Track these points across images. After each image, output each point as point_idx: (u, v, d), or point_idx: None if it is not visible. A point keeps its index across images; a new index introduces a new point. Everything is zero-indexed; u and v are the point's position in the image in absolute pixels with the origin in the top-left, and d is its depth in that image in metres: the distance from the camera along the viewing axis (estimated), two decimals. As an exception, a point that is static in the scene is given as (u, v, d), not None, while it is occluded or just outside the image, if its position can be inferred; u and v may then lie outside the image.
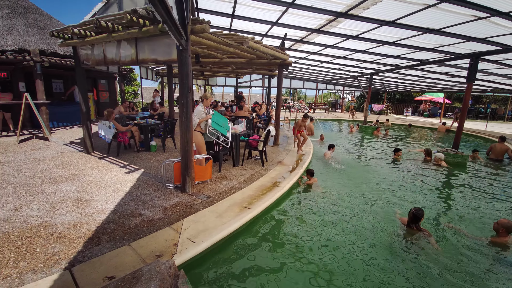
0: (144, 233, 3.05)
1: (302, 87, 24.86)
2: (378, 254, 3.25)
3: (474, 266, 3.11)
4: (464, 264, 3.14)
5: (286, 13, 6.18)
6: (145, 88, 25.56)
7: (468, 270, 3.03)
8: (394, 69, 11.84)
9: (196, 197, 4.10)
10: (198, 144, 4.90)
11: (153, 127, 7.18)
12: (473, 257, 3.27)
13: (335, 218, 4.10)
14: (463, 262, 3.17)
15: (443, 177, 6.62)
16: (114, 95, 14.25)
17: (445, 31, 6.08)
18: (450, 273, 2.95)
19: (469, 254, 3.34)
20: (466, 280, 2.85)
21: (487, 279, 2.90)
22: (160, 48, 4.52)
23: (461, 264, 3.13)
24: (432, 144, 11.73)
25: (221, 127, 5.33)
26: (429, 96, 25.34)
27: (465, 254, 3.33)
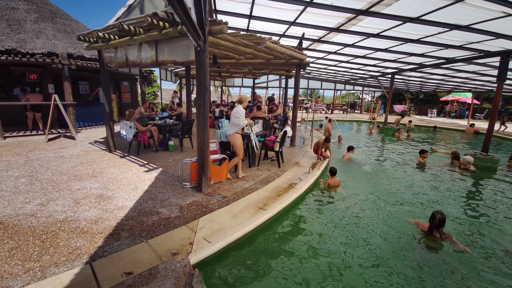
0: (161, 231, 3.10)
1: (320, 87, 24.44)
2: (399, 263, 3.10)
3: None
4: (494, 268, 2.92)
5: (304, 12, 6.10)
6: (164, 89, 26.31)
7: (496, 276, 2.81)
8: (418, 68, 11.33)
9: (212, 197, 4.12)
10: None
11: (171, 127, 7.35)
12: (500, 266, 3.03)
13: (352, 223, 3.97)
14: (492, 267, 2.95)
15: (472, 182, 6.22)
16: (135, 96, 14.77)
17: (473, 28, 5.71)
18: (480, 276, 2.75)
19: (496, 260, 3.11)
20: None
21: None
22: (178, 49, 4.61)
23: (491, 267, 2.91)
24: (458, 147, 11.10)
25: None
26: (456, 96, 24.00)
27: (494, 260, 3.10)
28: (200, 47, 3.65)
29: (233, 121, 4.73)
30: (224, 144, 5.55)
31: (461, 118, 23.38)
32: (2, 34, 8.84)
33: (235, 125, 4.76)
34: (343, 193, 5.09)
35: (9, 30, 9.10)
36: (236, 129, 4.77)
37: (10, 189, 4.11)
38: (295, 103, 8.39)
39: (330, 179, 5.38)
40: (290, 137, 8.36)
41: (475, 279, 2.84)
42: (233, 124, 4.77)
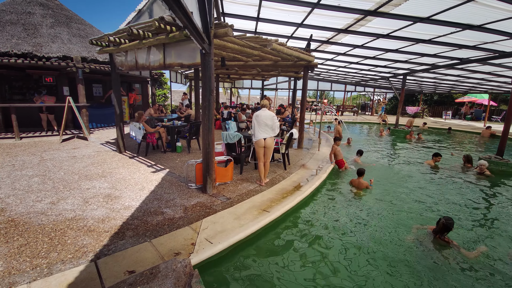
0: (165, 231, 3.15)
1: (330, 88, 24.21)
2: (403, 267, 3.02)
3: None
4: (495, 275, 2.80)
5: (312, 14, 6.08)
6: (174, 91, 26.71)
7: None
8: (430, 69, 11.04)
9: (216, 198, 4.15)
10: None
11: (179, 129, 7.46)
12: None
13: (359, 227, 3.90)
14: (493, 275, 2.82)
15: (486, 186, 5.99)
16: (146, 98, 15.09)
17: (486, 27, 5.53)
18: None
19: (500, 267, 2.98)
20: None
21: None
22: (185, 52, 4.69)
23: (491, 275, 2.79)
24: (472, 150, 10.71)
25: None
26: (472, 98, 23.21)
27: (496, 268, 2.97)
28: (205, 50, 3.69)
29: (269, 124, 4.66)
30: (230, 145, 5.59)
31: (477, 120, 22.56)
32: (18, 38, 9.24)
33: (273, 129, 4.71)
34: (350, 197, 5.01)
35: (25, 34, 9.50)
36: (273, 133, 4.72)
37: (23, 187, 4.28)
38: (302, 105, 8.35)
39: (356, 179, 5.48)
40: (297, 139, 8.32)
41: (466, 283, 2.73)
42: (271, 128, 4.70)
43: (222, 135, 5.58)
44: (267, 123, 4.67)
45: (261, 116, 4.68)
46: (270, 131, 4.70)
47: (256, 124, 4.71)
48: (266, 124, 4.67)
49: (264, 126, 4.67)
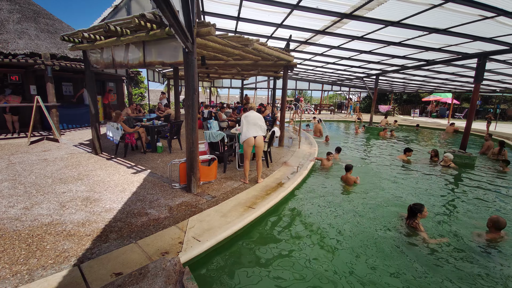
0: (151, 231, 3.11)
1: (308, 88, 24.81)
2: (379, 254, 3.24)
3: (463, 260, 3.07)
4: (453, 258, 3.11)
5: (291, 15, 6.23)
6: (152, 90, 25.90)
7: (457, 264, 3.00)
8: (400, 70, 11.75)
9: (201, 197, 4.15)
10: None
11: (159, 129, 7.30)
12: (463, 252, 3.23)
13: (338, 219, 4.10)
14: (452, 256, 3.14)
15: (451, 178, 6.53)
16: (122, 98, 14.51)
17: (451, 31, 6.02)
18: (436, 267, 2.93)
19: (461, 248, 3.31)
20: (451, 272, 2.83)
21: (473, 271, 2.86)
22: (166, 51, 4.61)
23: (449, 259, 3.10)
24: (439, 145, 11.57)
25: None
26: (437, 97, 24.96)
27: (457, 249, 3.30)
28: (189, 49, 3.68)
29: (259, 123, 4.78)
30: (213, 144, 5.59)
31: (442, 118, 24.32)
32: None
33: (262, 128, 4.82)
34: (331, 191, 5.23)
35: (-9, 32, 8.77)
36: (262, 133, 4.82)
37: (-9, 193, 3.98)
38: (283, 104, 8.52)
39: (344, 175, 5.74)
40: (278, 137, 8.48)
41: (429, 266, 3.02)
42: (260, 128, 4.80)
43: (205, 134, 5.56)
44: (256, 122, 4.77)
45: (251, 116, 4.78)
46: (259, 130, 4.79)
47: (245, 124, 4.77)
48: (255, 124, 4.76)
49: (253, 125, 4.75)
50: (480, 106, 25.10)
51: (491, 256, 3.31)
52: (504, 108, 25.80)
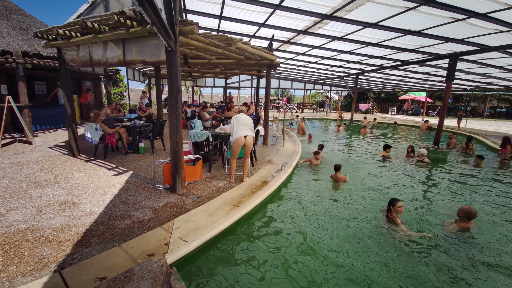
0: (135, 234, 3.05)
1: (291, 87, 25.11)
2: (363, 248, 3.39)
3: (436, 248, 3.29)
4: (429, 247, 3.33)
5: (274, 14, 6.29)
6: (132, 89, 25.12)
7: (432, 252, 3.21)
8: (378, 69, 12.20)
9: (187, 197, 4.12)
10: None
11: (141, 129, 7.12)
12: (439, 241, 3.46)
13: (323, 215, 4.22)
14: (428, 246, 3.36)
15: (426, 172, 6.91)
16: (100, 97, 13.96)
17: (425, 33, 6.35)
18: (412, 256, 3.13)
19: (436, 237, 3.54)
20: (425, 263, 3.03)
21: (447, 260, 3.08)
22: (148, 49, 4.52)
23: (425, 248, 3.31)
24: (416, 141, 12.16)
25: None
26: (412, 95, 26.13)
27: (432, 238, 3.53)
28: (171, 47, 3.63)
29: (248, 124, 4.94)
30: (197, 144, 5.54)
31: (417, 115, 25.53)
32: None
33: (251, 129, 4.97)
34: (316, 188, 5.36)
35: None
36: (252, 133, 4.96)
37: (-42, 200, 3.72)
38: (266, 102, 8.59)
39: (333, 174, 5.84)
40: (263, 136, 8.54)
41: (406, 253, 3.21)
42: (250, 128, 4.95)
43: (190, 134, 5.51)
44: (246, 123, 4.91)
45: (241, 118, 4.92)
46: (249, 130, 4.92)
47: (236, 124, 4.87)
48: (245, 124, 4.90)
49: (243, 125, 4.87)
50: (451, 104, 26.58)
51: (461, 244, 3.56)
52: (474, 105, 27.51)
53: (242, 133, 4.81)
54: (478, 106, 27.22)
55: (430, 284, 2.77)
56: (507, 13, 4.64)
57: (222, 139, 6.35)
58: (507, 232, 3.90)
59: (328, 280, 2.78)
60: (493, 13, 4.76)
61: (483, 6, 4.61)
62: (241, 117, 4.93)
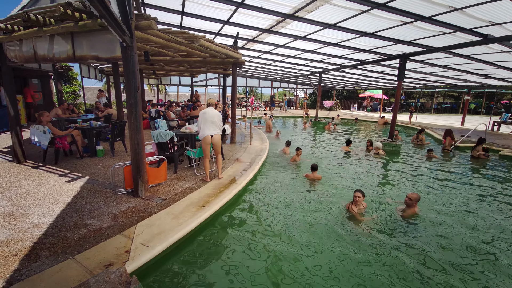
0: (91, 244, 2.84)
1: (258, 85, 25.33)
2: (328, 240, 3.56)
3: (388, 231, 3.61)
4: (380, 230, 3.64)
5: (237, 12, 6.26)
6: (88, 88, 23.31)
7: (386, 234, 3.52)
8: (339, 68, 12.84)
9: (151, 201, 3.94)
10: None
11: (98, 130, 6.63)
12: (390, 225, 3.80)
13: (290, 211, 4.34)
14: (380, 229, 3.67)
15: (382, 163, 7.47)
16: (49, 97, 12.69)
17: (378, 35, 6.82)
18: (369, 240, 3.40)
19: (387, 222, 3.88)
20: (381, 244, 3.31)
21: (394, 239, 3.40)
22: (101, 44, 4.20)
23: (378, 232, 3.61)
24: (373, 135, 13.08)
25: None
26: (370, 93, 28.03)
27: (384, 223, 3.86)
28: (127, 43, 3.42)
29: (216, 121, 4.80)
30: (161, 145, 5.32)
31: (375, 111, 27.44)
32: None
33: (219, 126, 4.86)
34: (283, 185, 5.47)
35: None
36: (219, 131, 4.86)
37: None
38: (233, 101, 8.55)
39: (310, 174, 5.78)
40: (230, 135, 8.50)
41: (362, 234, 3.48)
42: (217, 126, 4.84)
43: (153, 134, 5.27)
44: (214, 120, 4.78)
45: (209, 114, 4.75)
46: (216, 128, 4.82)
47: (203, 122, 4.74)
48: (213, 122, 4.77)
49: (211, 123, 4.75)
50: (404, 101, 29.01)
51: (411, 226, 3.92)
52: (423, 102, 30.38)
53: (209, 132, 4.74)
54: (427, 102, 30.13)
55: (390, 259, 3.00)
56: (450, 15, 5.15)
57: (188, 139, 6.18)
58: (447, 210, 4.38)
59: (296, 278, 2.87)
60: (437, 16, 5.26)
61: (428, 9, 5.07)
62: (209, 113, 4.77)
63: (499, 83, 14.22)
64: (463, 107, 17.72)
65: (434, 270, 2.98)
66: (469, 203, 4.89)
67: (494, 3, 4.41)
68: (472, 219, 4.24)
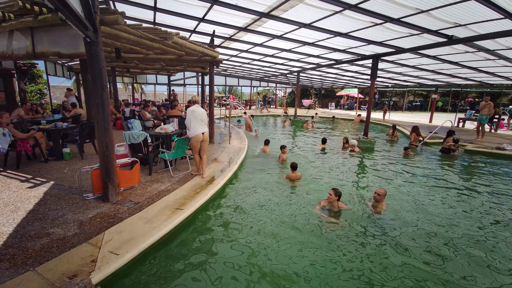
0: (54, 254, 2.64)
1: (238, 84, 25.19)
2: (304, 236, 3.59)
3: (364, 224, 3.74)
4: (355, 223, 3.76)
5: (212, 10, 6.14)
6: (57, 87, 21.92)
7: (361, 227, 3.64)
8: (316, 67, 13.08)
9: (122, 205, 3.75)
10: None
11: (66, 132, 6.22)
12: (365, 219, 3.94)
13: (268, 210, 4.33)
14: (354, 222, 3.79)
15: (357, 160, 7.71)
16: (13, 96, 11.74)
17: (351, 35, 7.01)
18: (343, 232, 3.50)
19: (361, 215, 4.01)
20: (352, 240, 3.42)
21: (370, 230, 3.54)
22: (63, 39, 3.94)
23: (351, 226, 3.73)
24: (350, 133, 13.50)
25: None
26: (347, 92, 28.93)
27: (359, 216, 3.99)
28: (91, 39, 3.21)
29: (204, 119, 4.97)
30: (134, 146, 5.10)
31: (352, 110, 28.38)
32: None
33: (206, 124, 5.05)
34: (261, 184, 5.46)
35: None
36: (207, 128, 5.03)
37: None
38: (210, 100, 8.42)
39: (291, 173, 5.71)
40: (209, 134, 8.35)
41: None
42: (205, 123, 5.02)
43: (124, 135, 5.03)
44: (202, 118, 4.92)
45: (198, 112, 4.86)
46: (205, 126, 4.99)
47: (193, 120, 4.83)
48: (202, 120, 4.92)
49: (200, 121, 4.89)
50: (378, 99, 30.26)
51: (382, 220, 4.07)
52: (396, 100, 31.85)
53: (200, 130, 4.88)
54: (399, 101, 31.63)
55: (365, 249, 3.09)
56: (417, 17, 5.39)
57: (163, 140, 5.99)
58: (415, 202, 4.60)
59: (276, 277, 2.86)
60: (405, 17, 5.49)
61: (397, 11, 5.27)
62: (198, 111, 4.88)
63: (464, 82, 15.22)
64: (431, 105, 18.79)
65: (404, 262, 3.11)
66: (435, 195, 5.17)
67: (459, 4, 4.60)
68: (438, 210, 4.48)
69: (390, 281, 2.79)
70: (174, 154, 5.23)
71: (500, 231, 3.87)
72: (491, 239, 3.66)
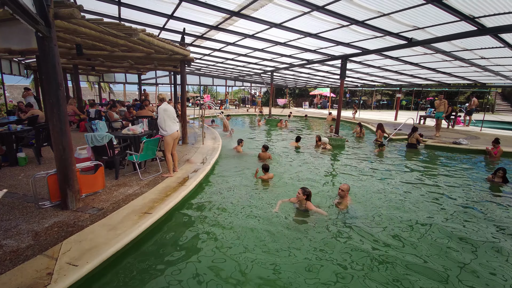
0: (7, 267, 2.41)
1: (212, 83, 24.85)
2: (276, 235, 3.62)
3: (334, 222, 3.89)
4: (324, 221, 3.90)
5: (181, 6, 5.97)
6: (14, 86, 20.12)
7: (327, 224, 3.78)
8: (289, 67, 13.29)
9: (83, 212, 3.51)
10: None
11: (20, 135, 5.70)
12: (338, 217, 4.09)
13: (241, 211, 4.31)
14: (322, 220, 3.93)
15: (329, 157, 7.97)
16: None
17: (321, 36, 7.21)
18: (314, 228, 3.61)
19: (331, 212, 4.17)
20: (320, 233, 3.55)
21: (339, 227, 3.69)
22: (15, 34, 3.58)
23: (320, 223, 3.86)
24: (322, 131, 13.93)
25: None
26: (320, 91, 29.80)
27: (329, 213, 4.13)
28: (43, 33, 2.96)
29: (175, 116, 5.01)
30: (98, 149, 4.80)
31: (324, 108, 29.30)
32: None
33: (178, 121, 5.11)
34: (234, 185, 5.42)
35: None
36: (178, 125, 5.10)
37: None
38: (183, 99, 8.21)
39: (263, 175, 5.65)
40: (182, 135, 8.14)
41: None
42: (177, 121, 5.09)
43: (86, 137, 4.72)
44: (175, 116, 4.98)
45: (170, 110, 4.90)
46: (177, 123, 5.08)
47: (167, 118, 4.85)
48: (175, 118, 4.98)
49: (173, 119, 4.96)
50: (349, 98, 31.53)
51: (347, 215, 4.24)
52: (365, 99, 33.40)
53: (175, 127, 4.97)
54: (367, 100, 33.21)
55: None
56: (379, 20, 5.65)
57: (132, 141, 5.72)
58: (380, 196, 4.86)
59: (250, 279, 2.84)
60: (369, 20, 5.74)
61: (361, 14, 5.48)
62: (169, 109, 4.92)
63: (424, 82, 16.36)
64: (396, 104, 19.96)
65: (368, 255, 3.26)
66: (399, 188, 5.49)
67: (417, 8, 4.83)
68: (401, 199, 4.77)
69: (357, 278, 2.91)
70: (143, 156, 5.02)
71: (459, 216, 4.24)
72: (450, 224, 3.97)
